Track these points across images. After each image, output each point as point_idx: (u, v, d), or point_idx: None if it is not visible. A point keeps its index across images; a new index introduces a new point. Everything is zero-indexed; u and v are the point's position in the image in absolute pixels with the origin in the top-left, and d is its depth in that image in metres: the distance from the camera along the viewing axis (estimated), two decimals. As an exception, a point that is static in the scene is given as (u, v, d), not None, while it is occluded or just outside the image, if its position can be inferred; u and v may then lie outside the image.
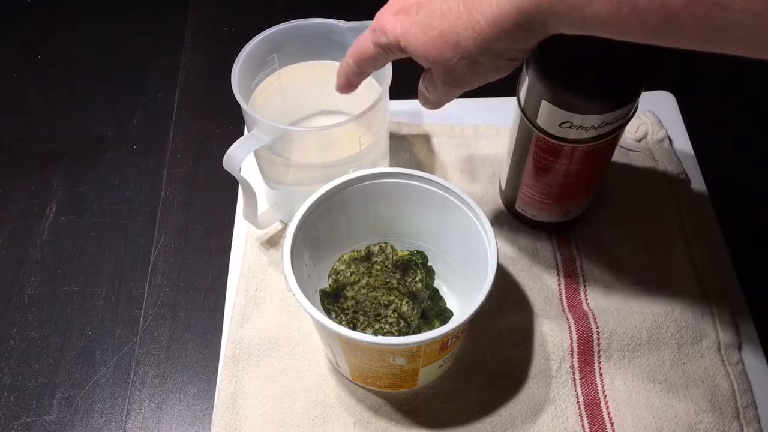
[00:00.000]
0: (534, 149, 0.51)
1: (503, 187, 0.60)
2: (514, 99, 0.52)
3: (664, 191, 0.61)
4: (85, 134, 0.69)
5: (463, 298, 0.53)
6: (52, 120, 0.70)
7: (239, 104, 0.51)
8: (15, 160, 0.67)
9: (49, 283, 0.59)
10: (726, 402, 0.51)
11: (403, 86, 0.58)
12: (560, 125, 0.48)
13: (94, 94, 0.72)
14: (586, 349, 0.53)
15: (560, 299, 0.56)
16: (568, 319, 0.54)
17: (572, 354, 0.53)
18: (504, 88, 0.70)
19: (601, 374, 0.52)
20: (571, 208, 0.57)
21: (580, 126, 0.47)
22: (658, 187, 0.62)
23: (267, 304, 0.56)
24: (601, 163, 0.52)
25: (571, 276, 0.57)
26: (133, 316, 0.57)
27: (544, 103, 0.47)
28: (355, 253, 0.50)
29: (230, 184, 0.63)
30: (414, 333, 0.47)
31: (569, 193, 0.55)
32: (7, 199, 0.64)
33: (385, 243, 0.50)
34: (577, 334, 0.53)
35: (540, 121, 0.49)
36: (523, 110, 0.51)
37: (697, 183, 0.63)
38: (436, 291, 0.52)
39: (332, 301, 0.48)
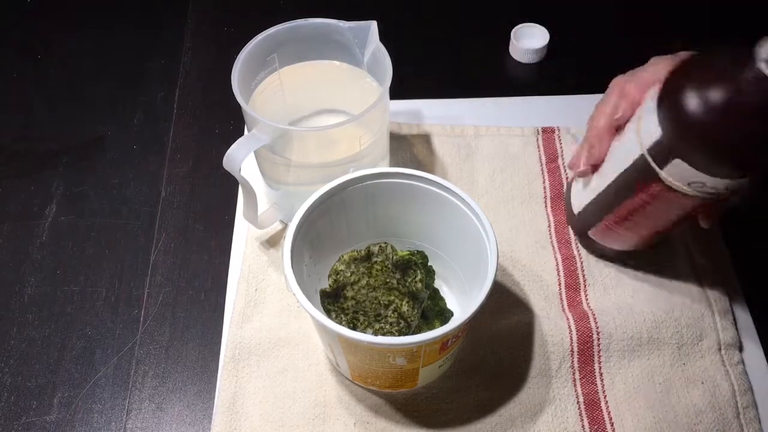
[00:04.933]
0: (643, 195, 0.47)
1: (575, 212, 0.56)
2: (514, 99, 0.51)
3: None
4: (85, 134, 0.69)
5: (463, 298, 0.53)
6: (52, 120, 0.70)
7: (239, 104, 0.51)
8: (15, 160, 0.67)
9: (49, 283, 0.59)
10: (726, 402, 0.51)
11: (403, 86, 0.58)
12: (689, 184, 0.44)
13: (94, 94, 0.72)
14: (586, 349, 0.53)
15: (560, 299, 0.56)
16: (568, 319, 0.54)
17: (572, 354, 0.53)
18: (504, 88, 0.71)
19: (601, 374, 0.52)
20: (648, 242, 0.54)
21: (714, 188, 0.43)
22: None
23: (267, 304, 0.56)
24: (702, 212, 0.49)
25: (571, 276, 0.57)
26: (133, 316, 0.57)
27: (677, 161, 0.43)
28: (355, 253, 0.50)
29: (230, 184, 0.63)
30: (414, 333, 0.47)
31: (660, 233, 0.52)
32: (7, 199, 0.64)
33: (385, 243, 0.50)
34: (577, 334, 0.53)
35: (667, 173, 0.44)
36: (648, 160, 0.45)
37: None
38: (436, 291, 0.52)
39: (332, 301, 0.48)
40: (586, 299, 0.56)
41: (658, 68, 0.49)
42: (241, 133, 0.66)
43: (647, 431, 0.50)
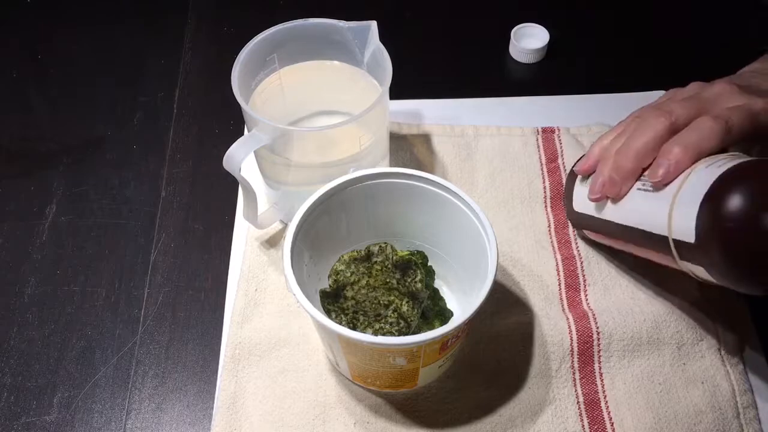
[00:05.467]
0: (650, 252, 0.48)
1: (577, 210, 0.56)
2: (514, 99, 0.51)
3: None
4: (85, 134, 0.69)
5: (463, 298, 0.53)
6: (52, 120, 0.70)
7: (239, 104, 0.51)
8: (15, 160, 0.67)
9: (49, 283, 0.59)
10: (726, 402, 0.51)
11: (403, 86, 0.58)
12: (699, 277, 0.44)
13: (94, 94, 0.72)
14: (586, 349, 0.53)
15: (560, 299, 0.56)
16: (568, 319, 0.54)
17: (572, 354, 0.53)
18: (504, 88, 0.70)
19: (601, 374, 0.52)
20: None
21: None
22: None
23: (267, 304, 0.56)
24: None
25: (571, 276, 0.57)
26: (133, 316, 0.57)
27: (700, 268, 0.42)
28: (355, 253, 0.50)
29: (230, 184, 0.63)
30: (414, 333, 0.47)
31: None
32: (7, 199, 0.64)
33: (385, 243, 0.50)
34: (577, 334, 0.53)
35: (684, 265, 0.44)
36: (672, 246, 0.44)
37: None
38: (436, 291, 0.52)
39: (332, 301, 0.48)
40: (586, 299, 0.56)
41: (708, 132, 0.45)
42: (241, 133, 0.66)
43: (647, 431, 0.50)
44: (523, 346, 0.53)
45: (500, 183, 0.63)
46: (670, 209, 0.43)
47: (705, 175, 0.42)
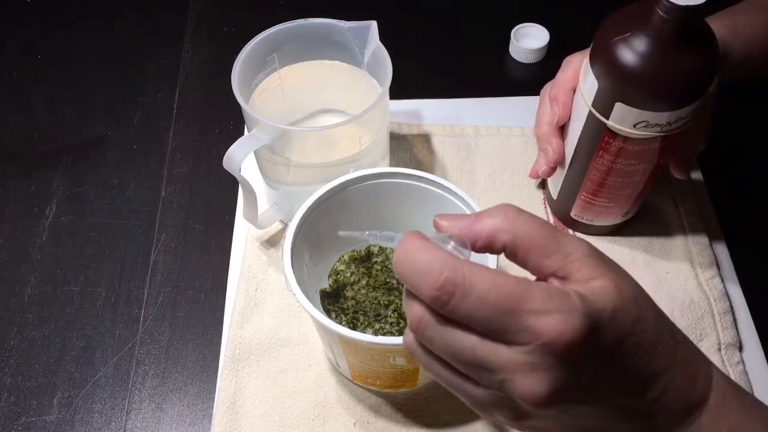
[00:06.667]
0: (602, 154, 0.51)
1: (555, 197, 0.59)
2: (514, 99, 0.52)
3: (664, 191, 0.61)
4: (85, 134, 0.69)
5: (463, 298, 0.53)
6: (52, 120, 0.70)
7: (239, 104, 0.51)
8: (15, 160, 0.67)
9: (49, 283, 0.59)
10: (726, 402, 0.51)
11: (403, 86, 0.58)
12: (635, 125, 0.47)
13: (94, 94, 0.72)
14: (586, 349, 0.53)
15: (560, 299, 0.56)
16: (568, 319, 0.54)
17: (572, 354, 0.53)
18: (504, 88, 0.70)
19: (601, 374, 0.52)
20: (632, 208, 0.57)
21: (656, 124, 0.47)
22: (657, 187, 0.62)
23: (267, 304, 0.56)
24: (664, 160, 0.52)
25: (571, 276, 0.57)
26: (133, 316, 0.57)
27: (618, 106, 0.47)
28: (355, 253, 0.50)
29: (230, 184, 0.63)
30: (414, 333, 0.47)
31: (636, 196, 0.55)
32: (7, 199, 0.64)
33: (385, 243, 0.50)
34: (577, 334, 0.53)
35: (613, 120, 0.48)
36: (594, 113, 0.49)
37: (697, 183, 0.63)
38: (436, 291, 0.52)
39: (332, 301, 0.48)
40: (586, 299, 0.56)
41: (572, 64, 0.56)
42: (241, 133, 0.66)
43: (647, 431, 0.50)
44: (523, 346, 0.53)
45: (500, 183, 0.63)
46: (582, 90, 0.50)
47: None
